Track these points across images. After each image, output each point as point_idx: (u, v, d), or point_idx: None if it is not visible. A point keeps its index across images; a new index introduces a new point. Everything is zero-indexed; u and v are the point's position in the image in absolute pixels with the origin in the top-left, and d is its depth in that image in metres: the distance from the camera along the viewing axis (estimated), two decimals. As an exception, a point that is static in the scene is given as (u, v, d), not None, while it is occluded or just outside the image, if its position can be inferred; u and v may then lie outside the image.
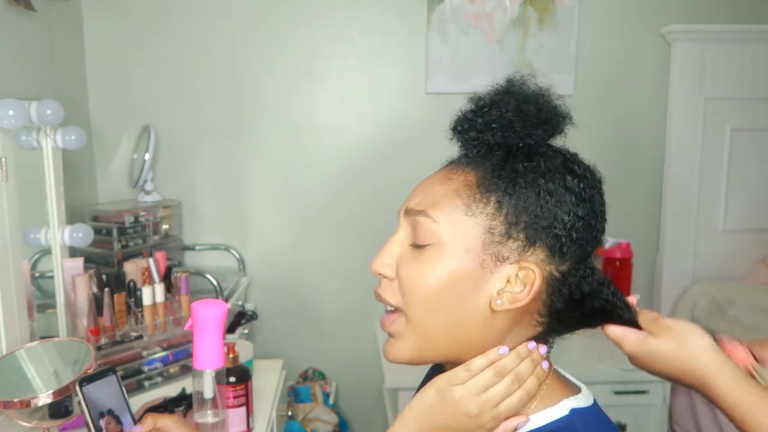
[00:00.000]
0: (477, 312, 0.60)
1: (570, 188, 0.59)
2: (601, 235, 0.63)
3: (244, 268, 2.07)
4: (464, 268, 0.59)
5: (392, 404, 1.92)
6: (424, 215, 0.61)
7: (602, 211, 0.62)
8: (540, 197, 0.59)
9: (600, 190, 0.63)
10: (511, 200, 0.59)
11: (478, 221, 0.59)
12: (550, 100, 0.62)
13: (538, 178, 0.59)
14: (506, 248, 0.59)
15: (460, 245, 0.59)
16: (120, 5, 1.94)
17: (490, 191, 0.59)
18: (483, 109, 0.62)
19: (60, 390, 0.99)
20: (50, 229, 1.36)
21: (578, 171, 0.61)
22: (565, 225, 0.59)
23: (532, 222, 0.59)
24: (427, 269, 0.60)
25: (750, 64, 2.03)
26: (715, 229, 2.12)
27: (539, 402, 0.62)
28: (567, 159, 0.62)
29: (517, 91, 0.62)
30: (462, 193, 0.60)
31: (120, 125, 2.00)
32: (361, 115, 2.05)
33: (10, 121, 1.13)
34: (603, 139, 2.11)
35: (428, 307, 0.61)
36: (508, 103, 0.61)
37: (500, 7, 2.01)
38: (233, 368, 1.10)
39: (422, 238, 0.61)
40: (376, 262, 0.64)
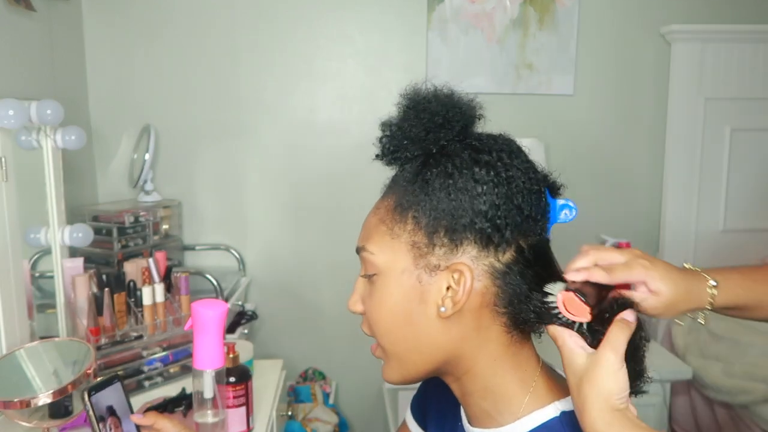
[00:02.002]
0: (432, 324, 0.61)
1: (480, 179, 0.59)
2: (536, 210, 0.61)
3: (244, 268, 2.07)
4: (405, 287, 0.62)
5: (392, 404, 1.92)
6: (364, 250, 0.65)
7: (529, 188, 0.61)
8: (452, 198, 0.59)
9: (521, 166, 0.61)
10: (426, 210, 0.60)
11: (403, 241, 0.62)
12: (444, 100, 0.63)
13: (446, 179, 0.60)
14: (435, 257, 0.60)
15: (396, 268, 0.62)
16: (120, 5, 1.94)
17: (405, 209, 0.62)
18: (391, 132, 0.64)
19: (60, 390, 0.99)
20: (50, 229, 1.36)
21: (486, 159, 0.60)
22: (485, 216, 0.59)
23: (451, 224, 0.59)
24: (377, 299, 0.64)
25: (750, 64, 2.03)
26: (715, 229, 2.12)
27: (529, 403, 0.62)
28: (474, 150, 0.61)
29: (412, 102, 0.64)
30: (386, 218, 0.63)
31: (120, 125, 2.00)
32: (361, 115, 2.05)
33: (10, 121, 1.13)
34: (603, 139, 2.11)
35: (389, 333, 0.64)
36: (408, 118, 0.63)
37: (500, 7, 2.01)
38: (233, 368, 1.10)
39: (369, 270, 0.65)
40: (349, 302, 0.69)
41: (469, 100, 0.65)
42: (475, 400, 0.65)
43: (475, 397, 0.65)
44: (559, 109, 2.08)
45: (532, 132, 2.02)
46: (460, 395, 0.67)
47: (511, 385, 0.63)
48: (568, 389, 0.63)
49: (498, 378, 0.63)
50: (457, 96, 0.64)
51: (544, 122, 2.08)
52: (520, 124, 2.06)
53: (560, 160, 2.05)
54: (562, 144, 2.08)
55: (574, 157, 2.09)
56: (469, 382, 0.64)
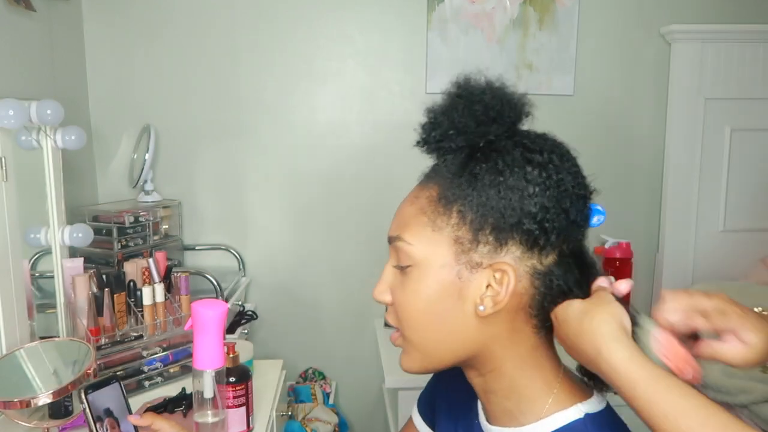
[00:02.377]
0: (467, 321, 0.61)
1: (531, 180, 0.58)
2: (581, 216, 0.61)
3: (244, 268, 2.07)
4: (443, 282, 0.60)
5: (392, 404, 1.92)
6: (399, 239, 0.63)
7: (577, 193, 0.61)
8: (501, 196, 0.58)
9: (570, 169, 0.61)
10: (473, 206, 0.59)
11: (445, 234, 0.60)
12: (499, 93, 0.62)
13: (496, 176, 0.59)
14: (478, 254, 0.59)
15: (435, 262, 0.60)
16: (120, 5, 1.94)
17: (450, 202, 0.60)
18: (437, 120, 0.62)
19: (60, 390, 0.99)
20: (50, 229, 1.36)
21: (538, 159, 0.59)
22: (534, 217, 0.58)
23: (498, 222, 0.58)
24: (411, 291, 0.62)
25: (750, 64, 2.03)
26: (715, 229, 2.12)
27: (552, 404, 0.62)
28: (526, 149, 0.60)
29: (464, 92, 0.62)
30: (427, 209, 0.62)
31: (120, 125, 2.00)
32: (361, 115, 2.05)
33: (10, 121, 1.13)
34: (603, 139, 2.11)
35: (419, 326, 0.63)
36: (457, 108, 0.61)
37: (500, 7, 2.01)
38: (233, 368, 1.10)
39: (403, 261, 0.63)
40: (375, 291, 0.67)
41: (521, 96, 0.64)
42: (498, 399, 0.65)
43: (499, 395, 0.64)
44: (559, 109, 2.08)
45: (532, 132, 2.02)
46: (482, 392, 0.66)
47: (536, 385, 0.63)
48: (588, 392, 0.64)
49: (524, 378, 0.63)
50: (509, 91, 0.63)
51: (544, 122, 2.07)
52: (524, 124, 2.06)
53: (560, 160, 2.05)
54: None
55: (574, 157, 2.09)
56: (494, 380, 0.64)
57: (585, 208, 0.62)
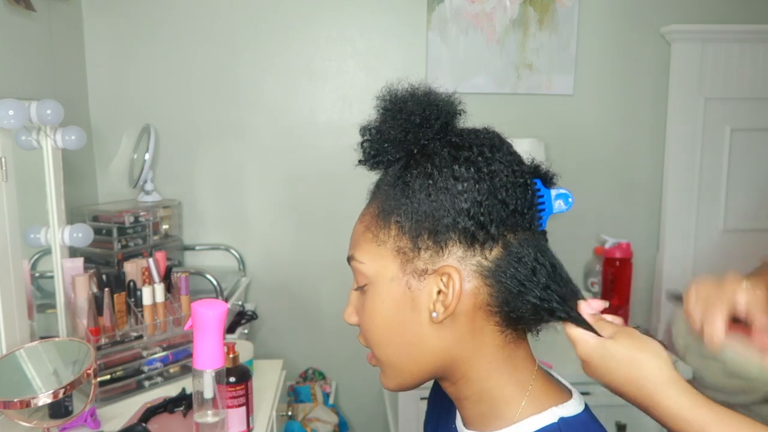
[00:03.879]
0: (425, 330, 0.60)
1: (459, 177, 0.57)
2: (522, 203, 0.59)
3: (244, 268, 2.08)
4: (395, 295, 0.60)
5: (392, 404, 1.92)
6: (353, 259, 0.64)
7: (513, 181, 0.59)
8: (432, 199, 0.58)
9: (503, 159, 0.59)
10: (408, 214, 0.59)
11: (388, 247, 0.60)
12: (421, 99, 0.61)
13: (426, 180, 0.58)
14: (421, 261, 0.59)
15: (385, 276, 0.61)
16: (120, 5, 1.94)
17: (388, 214, 0.60)
18: (371, 136, 0.63)
19: (60, 390, 0.99)
20: (50, 229, 1.36)
21: (466, 155, 0.58)
22: (467, 214, 0.57)
23: (434, 226, 0.58)
24: (370, 310, 0.63)
25: (750, 64, 2.03)
26: (715, 229, 2.12)
27: (526, 407, 0.61)
28: (454, 147, 0.59)
29: (389, 104, 0.62)
30: (371, 225, 0.63)
31: (120, 125, 2.00)
32: (361, 115, 2.04)
33: (10, 121, 1.13)
34: (603, 139, 2.11)
35: (383, 343, 0.63)
36: (386, 120, 0.61)
37: (500, 7, 2.01)
38: (233, 368, 1.10)
39: (359, 281, 0.64)
40: (344, 314, 0.68)
41: (448, 96, 0.63)
42: (470, 404, 0.64)
43: (471, 400, 0.63)
44: (559, 109, 2.08)
45: (532, 132, 2.02)
46: (457, 399, 0.66)
47: (507, 388, 0.61)
48: (564, 394, 0.63)
49: (493, 381, 0.62)
50: (434, 94, 0.62)
51: (544, 122, 2.08)
52: (520, 124, 2.06)
53: (560, 160, 2.05)
54: (562, 144, 2.08)
55: (574, 157, 2.09)
56: (465, 386, 0.63)
57: (526, 195, 0.60)
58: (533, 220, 0.61)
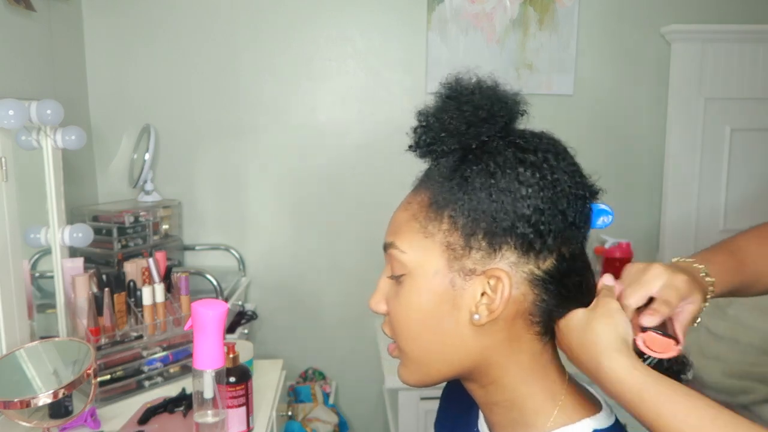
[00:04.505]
0: (463, 331, 0.58)
1: (524, 181, 0.56)
2: (580, 217, 0.58)
3: (244, 268, 2.08)
4: (437, 291, 0.58)
5: (392, 404, 1.92)
6: (393, 247, 0.61)
7: (575, 193, 0.58)
8: (492, 199, 0.56)
9: (567, 169, 0.58)
10: (464, 210, 0.56)
11: (437, 241, 0.58)
12: (489, 93, 0.60)
13: (487, 179, 0.56)
14: (471, 260, 0.57)
15: (428, 269, 0.58)
16: (120, 5, 1.94)
17: (441, 207, 0.58)
18: (428, 123, 0.60)
19: (60, 390, 0.99)
20: (50, 229, 1.36)
21: (532, 159, 0.57)
22: (528, 220, 0.55)
23: (491, 227, 0.56)
24: (405, 301, 0.60)
25: (750, 64, 2.03)
26: (715, 229, 2.12)
27: (557, 417, 0.59)
28: (519, 149, 0.58)
29: (454, 93, 0.60)
30: (419, 215, 0.59)
31: (120, 125, 2.00)
32: (361, 115, 2.05)
33: (10, 121, 1.13)
34: (603, 139, 2.11)
35: (414, 337, 0.60)
36: (448, 109, 0.59)
37: (500, 7, 2.01)
38: (233, 368, 1.10)
39: (396, 269, 0.61)
40: (371, 301, 0.64)
41: (514, 94, 0.61)
42: (500, 410, 0.62)
43: (502, 407, 0.62)
44: (559, 109, 2.08)
45: (532, 132, 2.02)
46: (484, 403, 0.64)
47: (540, 397, 0.60)
48: (596, 405, 0.62)
49: (527, 389, 0.60)
50: (501, 89, 0.61)
51: (544, 122, 2.07)
52: (520, 124, 2.06)
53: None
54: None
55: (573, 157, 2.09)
56: (496, 392, 0.61)
57: (584, 209, 0.59)
58: (585, 235, 0.60)
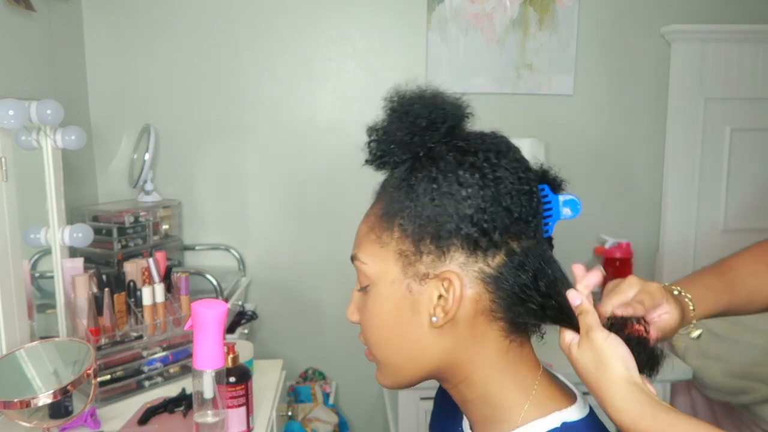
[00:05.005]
0: (425, 334, 0.60)
1: (464, 182, 0.57)
2: (527, 211, 0.59)
3: (244, 268, 2.08)
4: (396, 298, 0.60)
5: (392, 404, 1.92)
6: (356, 259, 0.64)
7: (518, 188, 0.58)
8: (436, 203, 0.57)
9: (509, 165, 0.59)
10: (411, 217, 0.58)
11: (390, 249, 0.60)
12: (429, 101, 0.61)
13: (430, 184, 0.58)
14: (423, 265, 0.59)
15: (386, 278, 0.61)
16: (120, 5, 1.94)
17: (392, 216, 0.60)
18: (378, 137, 0.62)
19: (60, 390, 0.99)
20: (50, 229, 1.36)
21: (471, 160, 0.58)
22: (471, 220, 0.57)
23: (437, 230, 0.58)
24: (371, 310, 0.63)
25: (750, 64, 2.03)
26: (715, 229, 2.12)
27: (529, 411, 0.60)
28: (460, 152, 0.59)
29: (397, 105, 0.62)
30: (375, 226, 0.62)
31: (120, 125, 2.00)
32: (361, 115, 2.05)
33: (10, 121, 1.13)
34: (603, 139, 2.11)
35: (382, 344, 0.63)
36: (393, 121, 0.61)
37: (500, 7, 2.01)
38: (233, 368, 1.10)
39: (362, 281, 0.64)
40: (347, 312, 0.68)
41: (455, 99, 0.62)
42: (475, 408, 0.64)
43: (475, 404, 0.63)
44: (559, 109, 2.08)
45: (532, 132, 2.02)
46: (460, 402, 0.66)
47: (511, 392, 0.61)
48: (569, 397, 0.63)
49: (496, 385, 0.61)
50: (441, 96, 0.62)
51: (544, 122, 2.08)
52: (520, 124, 2.06)
53: (560, 160, 2.03)
54: (562, 144, 2.08)
55: (574, 157, 2.09)
56: (467, 389, 0.63)
57: (531, 203, 0.59)
58: (538, 228, 0.61)
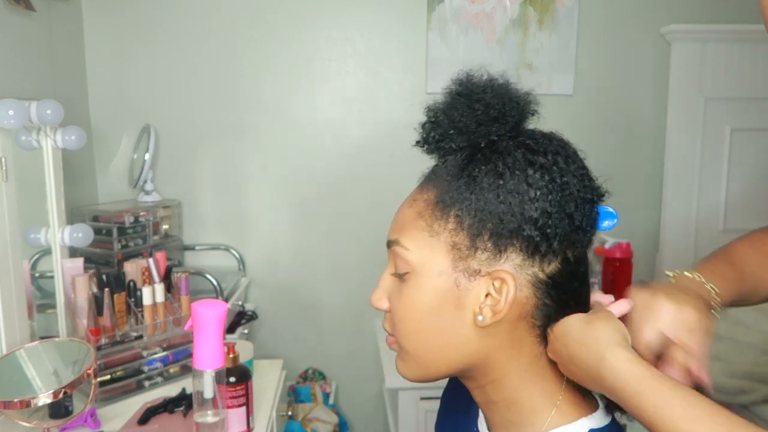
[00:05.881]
0: (465, 331, 0.58)
1: (533, 183, 0.55)
2: (587, 220, 0.58)
3: (244, 268, 2.07)
4: (440, 291, 0.58)
5: (392, 404, 1.92)
6: (397, 244, 0.60)
7: (583, 197, 0.57)
8: (500, 200, 0.55)
9: (576, 172, 0.58)
10: (471, 210, 0.56)
11: (442, 240, 0.57)
12: (501, 92, 0.59)
13: (496, 179, 0.55)
14: (476, 261, 0.56)
15: (433, 269, 0.58)
16: (120, 5, 1.94)
17: (448, 206, 0.57)
18: (437, 119, 0.59)
19: (60, 390, 0.99)
20: (50, 229, 1.36)
21: (541, 161, 0.56)
22: (535, 223, 0.55)
23: (497, 228, 0.55)
24: (408, 300, 0.59)
25: (750, 64, 2.03)
26: (715, 229, 2.12)
27: (555, 417, 0.59)
28: (529, 150, 0.57)
29: (465, 90, 0.59)
30: (425, 213, 0.59)
31: (120, 125, 2.00)
32: (361, 115, 2.05)
33: (10, 121, 1.13)
34: (603, 139, 2.11)
35: (415, 335, 0.60)
36: (458, 107, 0.58)
37: (500, 7, 2.01)
38: (233, 368, 1.10)
39: (400, 267, 0.60)
40: (372, 297, 0.64)
41: (526, 94, 0.61)
42: (499, 410, 0.62)
43: (500, 406, 0.62)
44: (559, 109, 2.08)
45: (532, 132, 2.02)
46: (483, 402, 0.64)
47: (538, 397, 0.60)
48: (591, 404, 0.62)
49: (525, 390, 0.60)
50: (513, 88, 0.60)
51: (544, 122, 2.07)
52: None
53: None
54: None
55: (574, 157, 2.09)
56: (494, 391, 0.61)
57: (591, 213, 0.58)
58: (591, 240, 0.60)
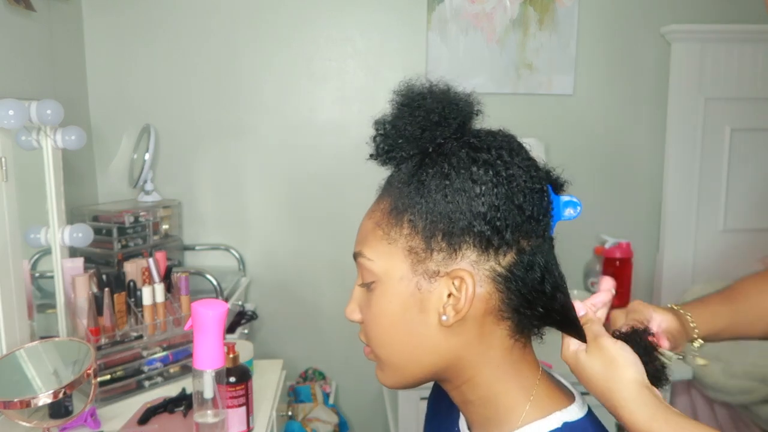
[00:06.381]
0: (433, 333, 0.59)
1: (477, 179, 0.56)
2: (538, 209, 0.58)
3: (244, 268, 2.08)
4: (404, 296, 0.59)
5: (392, 404, 1.92)
6: (360, 255, 0.62)
7: (530, 187, 0.58)
8: (448, 200, 0.56)
9: (521, 164, 0.58)
10: (422, 214, 0.57)
11: (399, 246, 0.59)
12: (440, 96, 0.61)
13: (442, 180, 0.57)
14: (433, 263, 0.58)
15: (394, 275, 0.59)
16: (120, 5, 1.94)
17: (401, 212, 0.59)
18: (385, 131, 0.61)
19: (60, 390, 0.99)
20: (50, 229, 1.36)
21: (484, 157, 0.57)
22: (484, 218, 0.56)
23: (449, 228, 0.57)
24: (376, 309, 0.61)
25: (750, 64, 2.03)
26: (715, 229, 2.12)
27: (530, 412, 0.60)
28: (472, 148, 0.58)
29: (406, 99, 0.61)
30: (381, 222, 0.61)
31: (120, 125, 2.00)
32: (361, 115, 2.05)
33: (10, 121, 1.13)
34: (603, 139, 2.11)
35: (386, 342, 0.62)
36: (402, 116, 0.60)
37: (500, 7, 2.01)
38: (233, 368, 1.10)
39: (366, 277, 0.62)
40: (346, 310, 0.66)
41: (467, 96, 0.62)
42: (475, 408, 0.63)
43: (476, 405, 0.63)
44: (559, 109, 2.08)
45: (532, 132, 2.02)
46: (461, 402, 0.65)
47: (512, 393, 0.61)
48: (567, 398, 0.63)
49: (499, 386, 0.61)
50: (453, 92, 0.62)
51: (544, 122, 2.08)
52: (520, 124, 2.05)
53: (560, 160, 2.04)
54: (562, 144, 2.08)
55: (574, 157, 2.09)
56: (470, 390, 0.62)
57: (542, 201, 0.59)
58: (546, 227, 0.60)
